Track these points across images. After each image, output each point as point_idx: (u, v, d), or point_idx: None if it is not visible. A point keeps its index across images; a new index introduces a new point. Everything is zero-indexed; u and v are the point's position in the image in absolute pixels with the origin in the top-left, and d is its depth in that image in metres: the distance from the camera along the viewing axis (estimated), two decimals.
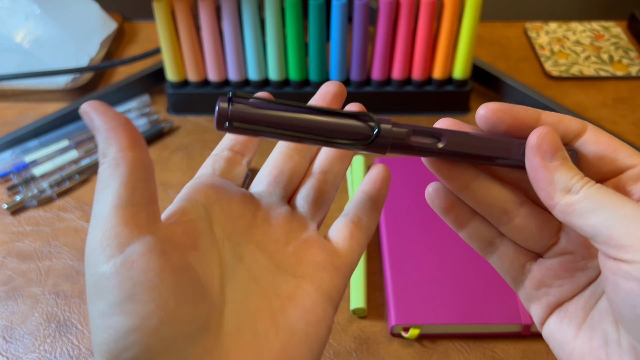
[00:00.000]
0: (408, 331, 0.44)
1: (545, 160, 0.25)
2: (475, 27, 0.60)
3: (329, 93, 0.30)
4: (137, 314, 0.20)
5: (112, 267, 0.21)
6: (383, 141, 0.25)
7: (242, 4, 0.58)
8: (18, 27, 0.69)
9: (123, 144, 0.23)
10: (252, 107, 0.24)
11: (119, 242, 0.21)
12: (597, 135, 0.26)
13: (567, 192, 0.24)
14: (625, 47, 0.76)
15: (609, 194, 0.23)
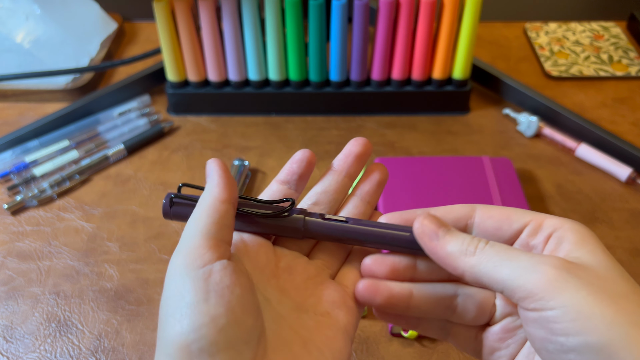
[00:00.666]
0: (408, 331, 0.44)
1: (433, 240, 0.28)
2: (475, 27, 0.60)
3: (351, 155, 0.33)
4: (209, 313, 0.24)
5: (195, 276, 0.25)
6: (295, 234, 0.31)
7: (242, 4, 0.58)
8: (18, 28, 0.69)
9: (222, 196, 0.28)
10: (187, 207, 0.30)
11: (203, 260, 0.26)
12: (488, 212, 0.29)
13: (465, 255, 0.27)
14: (625, 47, 0.76)
15: (503, 250, 0.26)
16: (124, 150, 0.61)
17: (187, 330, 0.24)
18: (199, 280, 0.25)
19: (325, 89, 0.65)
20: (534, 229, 0.28)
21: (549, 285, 0.24)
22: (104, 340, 0.45)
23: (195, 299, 0.24)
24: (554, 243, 0.27)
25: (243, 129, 0.65)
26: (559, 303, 0.24)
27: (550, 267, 0.24)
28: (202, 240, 0.26)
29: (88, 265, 0.51)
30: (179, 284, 0.25)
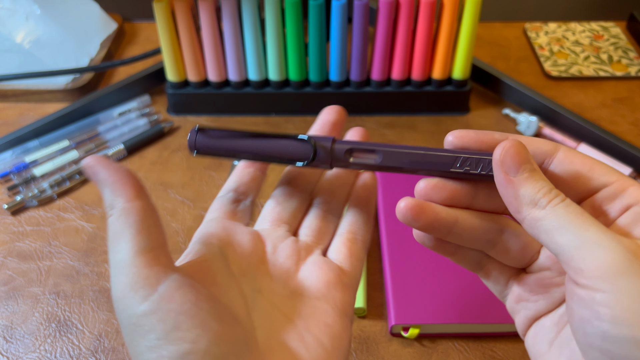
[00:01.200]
0: (408, 331, 0.44)
1: (509, 175, 0.25)
2: (475, 27, 0.60)
3: (327, 123, 0.33)
4: (187, 339, 0.22)
5: (150, 304, 0.22)
6: (324, 159, 0.29)
7: (242, 4, 0.58)
8: (18, 28, 0.69)
9: (130, 194, 0.25)
10: (213, 138, 0.30)
11: (150, 282, 0.23)
12: (571, 155, 0.26)
13: (534, 205, 0.24)
14: (625, 47, 0.76)
15: (575, 214, 0.23)
16: (123, 151, 0.61)
17: None
18: (158, 308, 0.22)
19: (325, 89, 0.65)
20: (614, 193, 0.25)
21: (611, 266, 0.21)
22: (104, 340, 0.45)
23: (165, 329, 0.22)
24: (631, 217, 0.24)
25: (243, 129, 0.65)
26: (616, 288, 0.21)
27: (619, 248, 0.22)
28: (138, 259, 0.23)
29: (88, 265, 0.51)
30: (137, 320, 0.22)
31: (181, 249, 0.52)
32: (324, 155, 0.29)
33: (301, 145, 0.29)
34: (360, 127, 0.33)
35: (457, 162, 0.27)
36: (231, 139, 0.30)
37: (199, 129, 0.30)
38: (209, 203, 0.56)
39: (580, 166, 0.26)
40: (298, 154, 0.29)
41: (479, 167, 0.27)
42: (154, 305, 0.22)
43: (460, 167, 0.27)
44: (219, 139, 0.30)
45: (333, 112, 0.33)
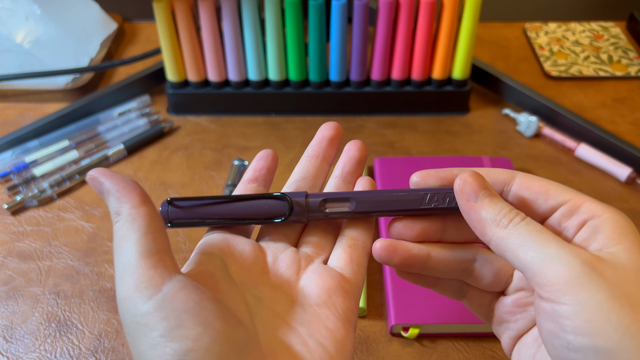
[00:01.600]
0: (408, 331, 0.44)
1: (470, 201, 0.27)
2: (475, 27, 0.60)
3: (325, 139, 0.33)
4: (189, 337, 0.22)
5: (154, 303, 0.23)
6: (299, 215, 0.30)
7: (242, 4, 0.58)
8: (18, 28, 0.69)
9: (135, 201, 0.26)
10: (186, 209, 0.29)
11: (154, 283, 0.24)
12: (527, 180, 0.28)
13: (497, 226, 0.26)
14: (625, 47, 0.76)
15: (535, 232, 0.25)
16: (123, 150, 0.61)
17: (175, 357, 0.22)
18: (161, 306, 0.23)
19: (325, 89, 0.65)
20: (570, 210, 0.26)
21: (570, 279, 0.23)
22: (104, 340, 0.45)
23: (168, 327, 0.23)
24: (587, 232, 0.26)
25: (243, 129, 0.65)
26: (575, 300, 0.23)
27: (577, 261, 0.23)
28: (143, 261, 0.24)
29: (88, 265, 0.51)
30: (141, 318, 0.23)
31: (181, 249, 0.52)
32: (300, 210, 0.30)
33: (276, 203, 0.30)
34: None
35: (426, 199, 0.29)
36: (205, 208, 0.30)
37: (170, 201, 0.29)
38: None
39: (536, 189, 0.27)
40: (274, 212, 0.30)
41: (446, 201, 0.29)
42: (157, 304, 0.23)
43: (429, 203, 0.29)
44: (192, 209, 0.29)
45: (330, 128, 0.34)
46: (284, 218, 0.29)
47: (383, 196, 0.30)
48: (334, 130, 0.33)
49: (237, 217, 0.30)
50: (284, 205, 0.30)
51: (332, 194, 0.30)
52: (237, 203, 0.30)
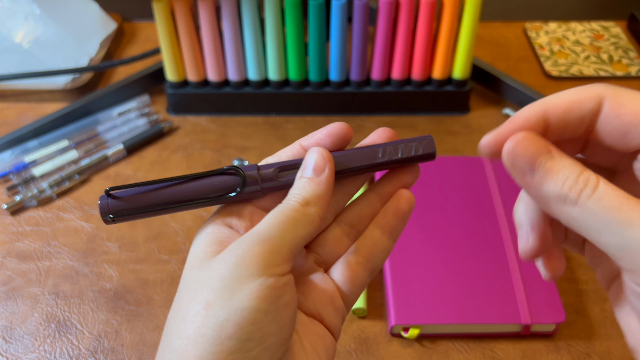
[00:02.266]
0: (408, 331, 0.44)
1: (526, 177, 0.22)
2: (475, 27, 0.60)
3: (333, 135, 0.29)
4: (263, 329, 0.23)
5: (267, 280, 0.23)
6: (253, 187, 0.27)
7: (242, 4, 0.58)
8: (18, 27, 0.69)
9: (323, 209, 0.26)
10: (129, 198, 0.27)
11: (280, 269, 0.24)
12: (616, 107, 0.22)
13: (564, 202, 0.21)
14: (625, 47, 0.76)
15: (611, 207, 0.20)
16: (123, 151, 0.61)
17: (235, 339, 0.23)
18: (268, 287, 0.23)
19: (325, 89, 0.65)
20: None
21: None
22: (103, 340, 0.45)
23: (256, 306, 0.23)
24: None
25: (243, 129, 0.65)
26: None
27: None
28: (288, 250, 0.25)
29: (87, 266, 0.51)
30: (243, 278, 0.23)
31: (181, 249, 0.52)
32: (253, 180, 0.27)
33: (227, 178, 0.27)
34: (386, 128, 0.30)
35: (379, 153, 0.28)
36: (150, 194, 0.27)
37: (108, 191, 0.27)
38: None
39: (628, 119, 0.22)
40: (226, 187, 0.27)
41: (398, 153, 0.28)
42: (268, 283, 0.23)
43: (382, 158, 0.28)
44: (135, 198, 0.27)
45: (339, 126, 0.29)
46: (238, 191, 0.27)
47: (338, 157, 0.28)
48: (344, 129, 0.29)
49: (187, 199, 0.27)
50: (230, 181, 0.27)
51: (286, 161, 0.28)
52: (185, 184, 0.27)
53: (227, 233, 0.27)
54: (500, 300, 0.45)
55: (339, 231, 0.30)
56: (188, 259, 0.26)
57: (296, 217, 0.25)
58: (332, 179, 0.27)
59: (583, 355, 0.44)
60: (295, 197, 0.26)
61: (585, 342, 0.45)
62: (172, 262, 0.51)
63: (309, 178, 0.27)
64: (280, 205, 0.26)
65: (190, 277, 0.25)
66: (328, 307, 0.28)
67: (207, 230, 0.27)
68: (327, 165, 0.27)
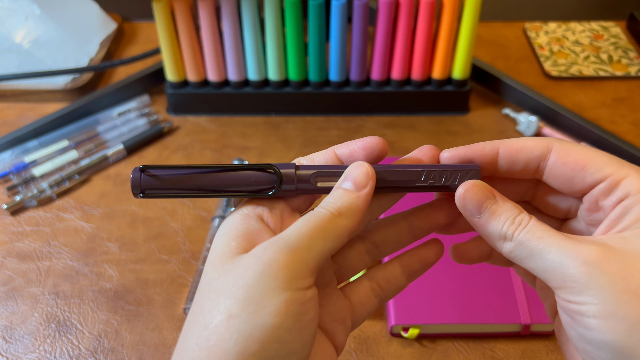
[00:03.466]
0: (408, 331, 0.44)
1: (474, 217, 0.26)
2: (475, 27, 0.60)
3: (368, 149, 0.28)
4: (287, 348, 0.23)
5: (292, 295, 0.23)
6: (288, 186, 0.27)
7: (242, 4, 0.58)
8: (18, 28, 0.69)
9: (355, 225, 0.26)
10: (161, 177, 0.27)
11: (304, 283, 0.23)
12: (562, 155, 0.26)
13: (504, 240, 0.25)
14: (625, 47, 0.76)
15: (536, 238, 0.24)
16: (123, 151, 0.61)
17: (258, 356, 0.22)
18: (294, 303, 0.23)
19: (324, 89, 0.65)
20: (609, 188, 0.25)
21: (576, 282, 0.23)
22: (103, 340, 0.45)
23: (281, 323, 0.22)
24: (619, 211, 0.25)
25: (242, 129, 0.65)
26: (584, 299, 0.23)
27: (577, 263, 0.23)
28: (314, 262, 0.24)
29: (87, 266, 0.51)
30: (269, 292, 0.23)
31: (181, 249, 0.52)
32: (289, 180, 0.27)
33: (262, 174, 0.27)
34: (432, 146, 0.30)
35: (422, 176, 0.28)
36: (183, 177, 0.27)
37: (142, 168, 0.27)
38: (209, 203, 0.56)
39: (572, 166, 0.26)
40: (260, 183, 0.27)
41: (442, 179, 0.28)
42: (293, 297, 0.23)
43: (424, 181, 0.28)
44: (168, 179, 0.27)
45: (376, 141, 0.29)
46: (274, 192, 0.27)
47: (381, 172, 0.27)
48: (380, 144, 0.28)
49: (219, 189, 0.27)
50: (265, 177, 0.27)
51: (325, 167, 0.28)
52: (220, 174, 0.27)
53: (256, 226, 0.26)
54: (500, 300, 0.45)
55: (363, 247, 0.31)
56: (211, 253, 0.26)
57: (326, 228, 0.25)
58: (370, 196, 0.26)
59: None
60: (329, 206, 0.26)
61: None
62: (172, 262, 0.51)
63: (348, 190, 0.26)
64: (312, 213, 0.25)
65: (213, 279, 0.24)
66: (340, 325, 0.28)
67: (234, 220, 0.26)
68: (369, 183, 0.26)
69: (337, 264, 0.30)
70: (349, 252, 0.30)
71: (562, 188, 0.27)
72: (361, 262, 0.30)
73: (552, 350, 0.44)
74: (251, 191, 0.27)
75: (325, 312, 0.28)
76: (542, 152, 0.27)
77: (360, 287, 0.30)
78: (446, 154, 0.28)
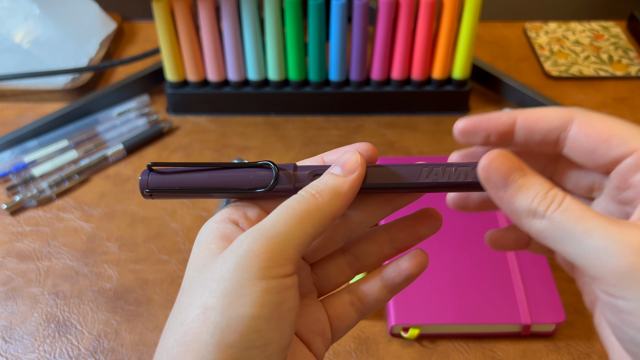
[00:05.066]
0: (408, 331, 0.44)
1: (499, 191, 0.23)
2: (475, 27, 0.60)
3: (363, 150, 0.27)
4: (265, 337, 0.22)
5: (270, 284, 0.22)
6: (285, 186, 0.27)
7: (242, 3, 0.58)
8: (17, 27, 0.69)
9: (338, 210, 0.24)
10: (167, 175, 0.27)
11: (283, 270, 0.23)
12: (585, 126, 0.24)
13: (533, 216, 0.22)
14: (625, 47, 0.76)
15: (574, 219, 0.21)
16: (123, 151, 0.61)
17: (236, 347, 0.22)
18: (271, 292, 0.22)
19: (324, 89, 0.65)
20: (636, 163, 0.23)
21: (623, 273, 0.20)
22: (103, 340, 0.45)
23: (258, 313, 0.22)
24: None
25: (242, 129, 0.65)
26: (634, 295, 0.20)
27: (627, 251, 0.20)
28: (294, 249, 0.23)
29: (87, 266, 0.51)
30: (245, 282, 0.22)
31: (180, 249, 0.52)
32: (286, 180, 0.27)
33: (263, 172, 0.27)
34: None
35: (423, 173, 0.26)
36: (187, 175, 0.27)
37: (151, 166, 0.27)
38: (208, 203, 0.56)
39: (596, 137, 0.23)
40: (259, 181, 0.27)
41: (446, 176, 0.26)
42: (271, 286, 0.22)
43: (427, 178, 0.26)
44: (174, 177, 0.27)
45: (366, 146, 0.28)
46: (269, 187, 0.27)
47: (381, 170, 0.26)
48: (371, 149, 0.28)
49: (221, 188, 0.27)
50: (264, 176, 0.27)
51: (323, 166, 0.27)
52: (222, 171, 0.27)
53: (232, 229, 0.26)
54: (500, 300, 0.45)
55: (344, 260, 0.30)
56: (190, 258, 0.25)
57: (306, 212, 0.24)
58: (358, 183, 0.25)
59: (583, 356, 0.44)
60: (312, 189, 0.24)
61: (585, 342, 0.45)
62: (171, 262, 0.51)
63: (335, 174, 0.25)
64: (291, 198, 0.24)
65: (192, 278, 0.24)
66: (318, 336, 0.28)
67: (210, 226, 0.26)
68: (358, 169, 0.25)
69: (316, 276, 0.29)
70: (329, 265, 0.30)
71: (585, 162, 0.24)
72: (342, 275, 0.30)
73: (552, 350, 0.44)
74: (251, 189, 0.27)
75: (303, 322, 0.27)
76: (562, 122, 0.24)
77: (338, 300, 0.29)
78: (460, 124, 0.26)
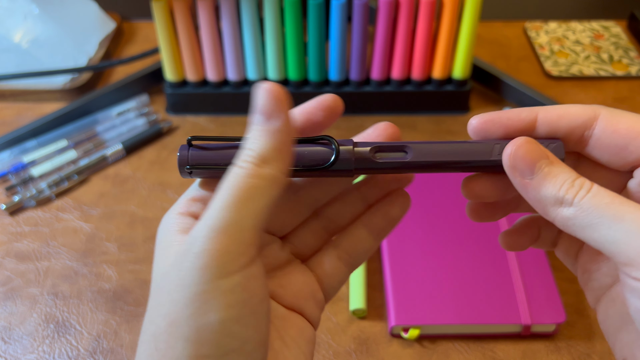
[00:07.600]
0: (408, 332, 0.44)
1: (525, 178, 0.23)
2: (475, 26, 0.60)
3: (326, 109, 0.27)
4: (240, 337, 0.21)
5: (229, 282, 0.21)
6: (346, 163, 0.25)
7: (241, 3, 0.58)
8: (16, 27, 0.69)
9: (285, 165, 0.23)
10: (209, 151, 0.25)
11: (240, 262, 0.21)
12: (612, 123, 0.23)
13: (560, 204, 0.22)
14: (625, 47, 0.76)
15: (604, 205, 0.21)
16: (122, 150, 0.61)
17: (212, 356, 0.21)
18: (235, 290, 0.21)
19: (324, 89, 0.65)
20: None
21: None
22: (102, 341, 0.45)
23: (226, 316, 0.21)
24: None
25: (242, 129, 0.65)
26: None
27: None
28: (249, 232, 0.21)
29: (86, 266, 0.51)
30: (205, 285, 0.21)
31: None
32: (348, 157, 0.24)
33: (320, 149, 0.25)
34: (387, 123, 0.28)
35: (495, 151, 0.24)
36: (229, 150, 0.24)
37: (191, 140, 0.25)
38: None
39: (624, 133, 0.23)
40: (316, 158, 0.25)
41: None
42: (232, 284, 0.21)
43: (500, 155, 0.24)
44: (215, 152, 0.25)
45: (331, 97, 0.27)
46: (329, 164, 0.24)
47: (445, 146, 0.25)
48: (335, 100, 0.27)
49: None
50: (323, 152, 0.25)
51: (384, 143, 0.26)
52: None
53: (192, 223, 0.24)
54: (500, 300, 0.45)
55: (318, 224, 0.29)
56: (154, 259, 0.24)
57: (252, 184, 0.21)
58: (289, 124, 0.23)
59: (583, 356, 0.44)
60: (248, 157, 0.22)
61: (585, 342, 0.45)
62: None
63: (260, 128, 0.23)
64: (231, 174, 0.22)
65: (157, 283, 0.23)
66: (309, 300, 0.27)
67: (168, 222, 0.24)
68: (281, 106, 0.23)
69: (293, 245, 0.28)
70: (303, 232, 0.29)
71: (610, 160, 0.24)
72: (320, 239, 0.29)
73: (553, 351, 0.44)
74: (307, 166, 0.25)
75: (287, 292, 0.27)
76: (587, 120, 0.24)
77: (325, 258, 0.28)
78: (475, 120, 0.25)
